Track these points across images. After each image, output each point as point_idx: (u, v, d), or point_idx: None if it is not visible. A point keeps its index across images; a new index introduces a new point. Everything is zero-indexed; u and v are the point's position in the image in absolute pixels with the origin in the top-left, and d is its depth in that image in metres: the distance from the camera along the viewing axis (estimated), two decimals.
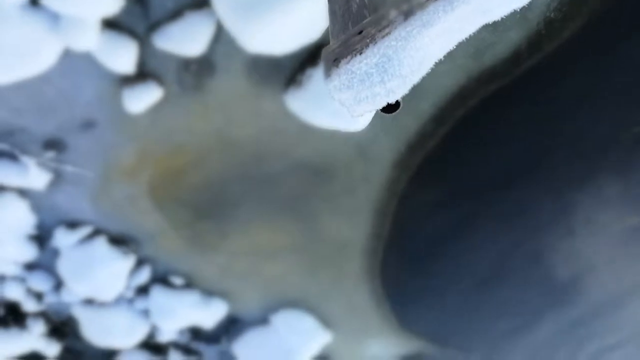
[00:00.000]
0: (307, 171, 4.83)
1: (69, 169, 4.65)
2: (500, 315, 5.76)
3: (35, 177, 4.66)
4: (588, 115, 4.74)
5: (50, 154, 4.56)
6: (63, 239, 5.01)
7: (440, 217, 4.84)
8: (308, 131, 4.67)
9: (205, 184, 4.86)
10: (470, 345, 6.12)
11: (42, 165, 4.63)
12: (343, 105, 2.06)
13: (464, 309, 5.69)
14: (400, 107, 2.06)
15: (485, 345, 6.13)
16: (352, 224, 4.89)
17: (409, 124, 4.66)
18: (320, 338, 5.82)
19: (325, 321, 5.82)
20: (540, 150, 4.79)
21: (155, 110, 4.45)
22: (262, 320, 5.80)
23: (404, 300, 5.65)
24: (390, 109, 2.09)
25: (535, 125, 4.64)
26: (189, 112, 4.50)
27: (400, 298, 5.63)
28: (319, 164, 4.82)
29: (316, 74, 4.32)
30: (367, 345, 6.22)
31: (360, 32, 2.05)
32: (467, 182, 4.82)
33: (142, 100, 4.34)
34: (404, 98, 2.12)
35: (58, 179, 4.76)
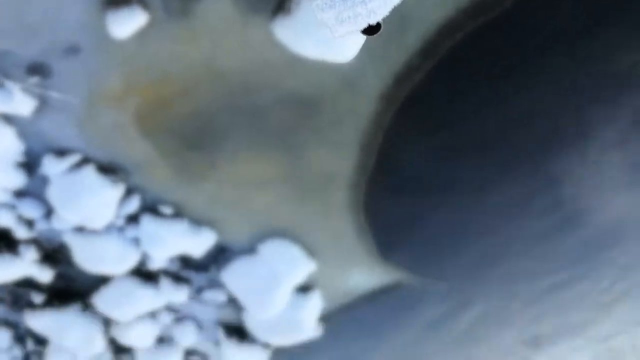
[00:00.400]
0: (295, 103, 4.84)
1: (54, 95, 4.62)
2: (479, 246, 5.97)
3: (21, 103, 4.64)
4: (582, 50, 4.75)
5: (35, 79, 4.51)
6: (51, 166, 5.05)
7: (425, 149, 4.93)
8: (296, 62, 4.65)
9: (193, 113, 4.87)
10: (448, 274, 6.38)
11: (27, 90, 4.59)
12: (326, 25, 2.09)
13: (444, 240, 5.89)
14: (381, 29, 2.08)
15: (462, 275, 6.39)
16: (339, 156, 4.97)
17: (396, 57, 4.65)
18: (305, 267, 6.03)
19: (311, 251, 6.01)
20: (529, 84, 4.83)
21: (141, 36, 4.39)
22: (250, 249, 5.98)
23: (387, 231, 5.83)
24: (371, 30, 2.11)
25: (525, 58, 4.65)
26: (176, 39, 4.44)
27: (383, 230, 5.80)
28: (306, 96, 4.83)
29: (304, 1, 4.26)
30: (350, 274, 6.46)
31: None
32: (453, 115, 4.88)
33: (127, 25, 4.26)
34: (390, 26, 2.14)
35: (44, 105, 4.74)
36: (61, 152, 5.03)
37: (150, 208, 5.62)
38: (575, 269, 6.16)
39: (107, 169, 5.16)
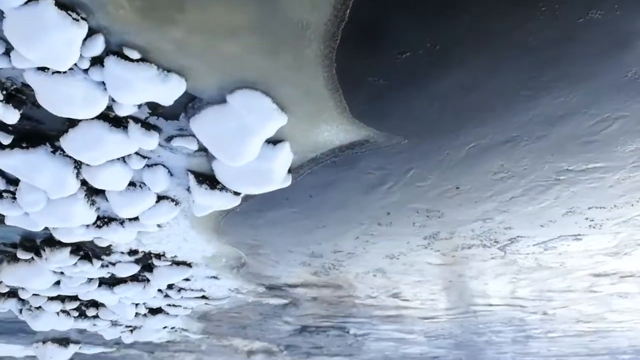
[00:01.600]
0: None
1: None
2: (451, 107, 6.08)
3: None
4: None
5: None
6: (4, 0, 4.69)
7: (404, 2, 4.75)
8: None
9: None
10: (415, 132, 6.57)
11: None
12: None
13: (416, 99, 5.96)
14: None
15: (433, 133, 6.59)
16: (313, 4, 4.76)
17: None
18: (276, 120, 6.07)
19: (282, 105, 6.02)
20: None
21: None
22: (220, 99, 5.94)
23: (358, 88, 5.84)
24: None
25: None
26: None
27: (355, 86, 5.80)
28: None
29: None
30: (320, 130, 6.59)
31: None
32: None
33: None
34: None
35: None
36: None
37: (116, 51, 5.41)
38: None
39: (67, 6, 4.84)
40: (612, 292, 12.98)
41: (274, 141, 6.56)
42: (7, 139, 6.56)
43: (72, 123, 6.36)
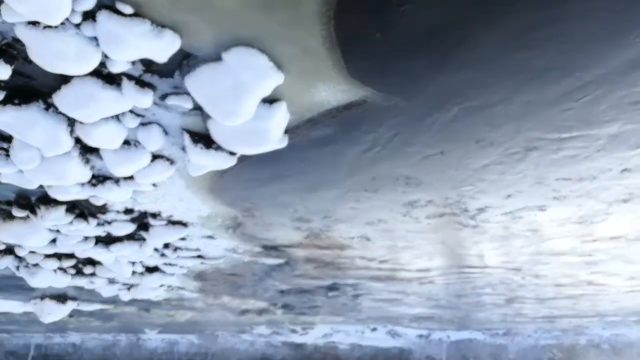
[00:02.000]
0: None
1: None
2: (453, 72, 6.01)
3: None
4: None
5: None
6: None
7: None
8: None
9: None
10: (411, 91, 6.51)
11: None
12: None
13: (415, 58, 5.87)
14: None
15: (428, 92, 6.53)
16: None
17: None
18: (273, 79, 5.99)
19: (278, 63, 5.92)
20: None
21: None
22: (215, 57, 5.84)
23: (357, 46, 5.74)
24: None
25: None
26: None
27: (353, 45, 5.70)
28: None
29: None
30: (317, 89, 6.51)
31: None
32: None
33: None
34: None
35: None
36: None
37: (108, 6, 5.28)
38: None
39: None
40: (584, 259, 13.36)
41: (270, 100, 6.49)
42: None
43: (65, 79, 6.26)
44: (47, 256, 12.37)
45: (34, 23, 5.33)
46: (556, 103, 6.46)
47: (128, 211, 10.37)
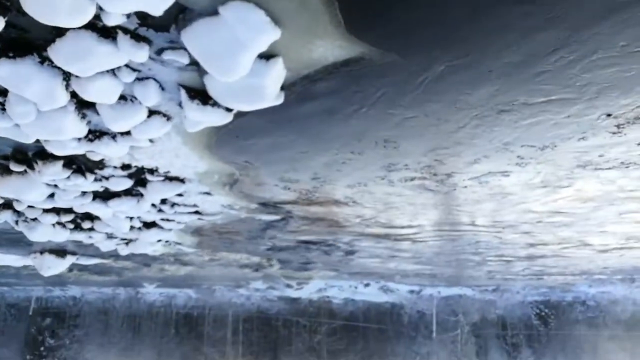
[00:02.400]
0: None
1: None
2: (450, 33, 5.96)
3: None
4: None
5: None
6: None
7: None
8: None
9: None
10: (408, 49, 6.48)
11: None
12: None
13: (413, 17, 5.82)
14: None
15: (424, 51, 6.50)
16: None
17: None
18: (269, 34, 5.94)
19: (275, 18, 5.86)
20: None
21: None
22: (212, 11, 5.77)
23: (354, 1, 5.68)
24: None
25: None
26: None
27: (351, 2, 5.63)
28: None
29: None
30: (314, 46, 6.46)
31: None
32: None
33: None
34: None
35: None
36: None
37: None
38: None
39: None
40: (555, 221, 13.79)
41: (266, 56, 6.46)
42: None
43: (60, 32, 6.18)
44: (46, 211, 12.49)
45: None
46: (532, 64, 6.39)
47: (125, 167, 10.43)
